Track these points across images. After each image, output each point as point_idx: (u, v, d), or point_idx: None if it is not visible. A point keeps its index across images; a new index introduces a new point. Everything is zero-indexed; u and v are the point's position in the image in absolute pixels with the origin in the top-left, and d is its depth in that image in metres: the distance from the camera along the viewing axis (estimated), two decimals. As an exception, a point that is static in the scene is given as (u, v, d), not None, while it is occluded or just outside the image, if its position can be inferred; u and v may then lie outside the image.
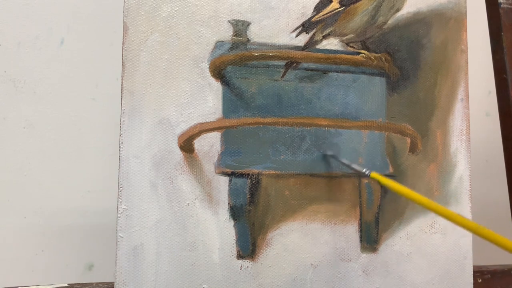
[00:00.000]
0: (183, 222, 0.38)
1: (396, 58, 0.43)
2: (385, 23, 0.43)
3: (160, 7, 0.38)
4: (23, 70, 0.58)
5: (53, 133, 0.59)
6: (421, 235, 0.43)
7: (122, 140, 0.37)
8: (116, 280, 0.37)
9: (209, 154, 0.39)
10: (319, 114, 0.41)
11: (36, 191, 0.58)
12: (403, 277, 0.42)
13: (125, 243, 0.37)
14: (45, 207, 0.58)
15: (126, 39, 0.38)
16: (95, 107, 0.60)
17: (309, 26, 0.41)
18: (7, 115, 0.58)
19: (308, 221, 0.40)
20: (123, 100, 0.37)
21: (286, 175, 0.40)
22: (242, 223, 0.39)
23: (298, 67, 0.41)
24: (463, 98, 0.45)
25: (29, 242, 0.58)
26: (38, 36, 0.59)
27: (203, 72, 0.39)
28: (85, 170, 0.59)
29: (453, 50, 0.45)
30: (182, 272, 0.38)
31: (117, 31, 0.42)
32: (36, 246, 0.58)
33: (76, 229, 0.59)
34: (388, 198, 0.42)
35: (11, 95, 0.58)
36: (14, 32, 0.58)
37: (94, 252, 0.60)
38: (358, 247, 0.41)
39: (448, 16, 0.45)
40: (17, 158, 0.58)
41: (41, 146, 0.58)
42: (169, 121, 0.38)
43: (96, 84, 0.60)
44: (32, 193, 0.58)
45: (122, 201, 0.37)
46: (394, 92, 0.43)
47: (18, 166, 0.58)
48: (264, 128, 0.40)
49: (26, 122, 0.58)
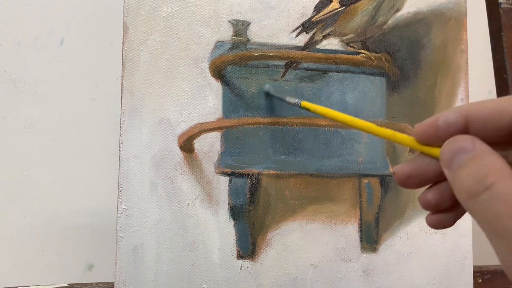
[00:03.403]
0: (183, 222, 0.38)
1: (396, 58, 0.43)
2: (385, 23, 0.43)
3: (160, 7, 0.38)
4: (23, 70, 0.58)
5: (53, 133, 0.59)
6: (421, 235, 0.43)
7: (122, 140, 0.37)
8: (116, 280, 0.37)
9: (209, 154, 0.39)
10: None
11: (36, 191, 0.58)
12: (403, 277, 0.42)
13: (125, 243, 0.37)
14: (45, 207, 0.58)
15: (126, 39, 0.38)
16: (95, 107, 0.60)
17: (309, 26, 0.41)
18: (7, 115, 0.58)
19: (308, 221, 0.40)
20: (123, 100, 0.37)
21: (286, 175, 0.40)
22: (242, 223, 0.39)
23: (298, 67, 0.41)
24: (463, 98, 0.45)
25: (29, 242, 0.58)
26: (38, 36, 0.59)
27: (203, 72, 0.39)
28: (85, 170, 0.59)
29: (453, 50, 0.45)
30: (182, 272, 0.38)
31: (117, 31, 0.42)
32: (36, 246, 0.58)
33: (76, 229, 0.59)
34: (388, 198, 0.42)
35: (11, 95, 0.58)
36: (14, 32, 0.58)
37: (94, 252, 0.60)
38: (358, 247, 0.41)
39: (448, 16, 0.45)
40: (17, 158, 0.58)
41: (41, 146, 0.58)
42: (169, 121, 0.38)
43: (96, 84, 0.60)
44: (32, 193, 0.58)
45: (122, 201, 0.37)
46: (394, 92, 0.43)
47: (18, 166, 0.58)
48: (264, 128, 0.40)
49: (26, 122, 0.58)
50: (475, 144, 0.20)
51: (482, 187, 0.19)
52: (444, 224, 0.24)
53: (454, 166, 0.21)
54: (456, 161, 0.21)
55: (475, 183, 0.19)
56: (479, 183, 0.19)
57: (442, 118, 0.22)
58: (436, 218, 0.24)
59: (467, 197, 0.20)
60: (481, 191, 0.19)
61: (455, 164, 0.21)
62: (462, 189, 0.20)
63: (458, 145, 0.21)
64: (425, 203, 0.24)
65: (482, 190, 0.19)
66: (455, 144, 0.21)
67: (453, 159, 0.21)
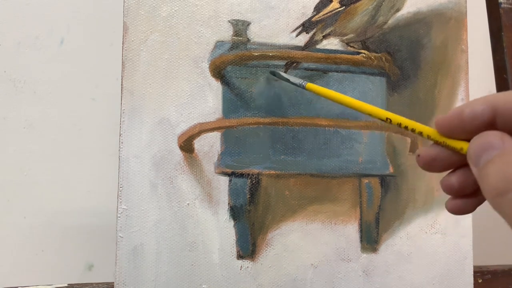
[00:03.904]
0: (183, 222, 0.38)
1: (396, 58, 0.43)
2: (385, 23, 0.43)
3: (160, 7, 0.38)
4: (23, 70, 0.58)
5: (53, 133, 0.59)
6: (421, 235, 0.43)
7: (122, 140, 0.37)
8: (116, 280, 0.37)
9: (209, 154, 0.39)
10: (319, 114, 0.41)
11: (36, 191, 0.58)
12: (403, 277, 0.42)
13: (125, 243, 0.37)
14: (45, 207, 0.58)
15: (126, 39, 0.38)
16: (95, 107, 0.60)
17: (309, 26, 0.41)
18: (7, 115, 0.58)
19: (308, 221, 0.40)
20: (123, 100, 0.37)
21: (286, 175, 0.40)
22: (242, 223, 0.39)
23: (298, 67, 0.41)
24: (463, 98, 0.45)
25: (29, 242, 0.58)
26: (38, 36, 0.59)
27: (203, 72, 0.39)
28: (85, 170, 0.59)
29: (453, 50, 0.45)
30: (182, 272, 0.38)
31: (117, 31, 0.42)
32: (36, 246, 0.58)
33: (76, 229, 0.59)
34: (388, 198, 0.42)
35: (11, 95, 0.58)
36: (14, 32, 0.58)
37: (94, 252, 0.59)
38: (359, 247, 0.41)
39: (448, 16, 0.45)
40: (17, 158, 0.58)
41: (41, 146, 0.58)
42: (169, 121, 0.38)
43: (96, 84, 0.60)
44: (32, 193, 0.58)
45: (122, 201, 0.37)
46: (394, 92, 0.43)
47: (18, 166, 0.58)
48: (264, 128, 0.40)
49: (26, 122, 0.58)
50: (504, 140, 0.20)
51: (510, 185, 0.19)
52: (465, 210, 0.23)
53: (482, 162, 0.20)
54: (484, 157, 0.20)
55: (503, 181, 0.19)
56: (507, 181, 0.19)
57: (468, 110, 0.21)
58: (456, 203, 0.23)
59: (494, 194, 0.19)
60: (509, 189, 0.19)
61: (484, 160, 0.20)
62: (489, 187, 0.20)
63: (487, 141, 0.20)
64: (448, 187, 0.23)
65: (510, 188, 0.19)
66: (483, 140, 0.20)
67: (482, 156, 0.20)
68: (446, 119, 0.22)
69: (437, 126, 0.22)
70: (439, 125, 0.22)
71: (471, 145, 0.21)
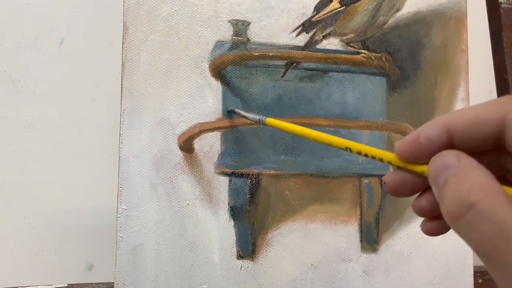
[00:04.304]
0: (183, 222, 0.38)
1: (396, 58, 0.43)
2: (385, 23, 0.43)
3: (160, 7, 0.38)
4: (23, 70, 0.58)
5: (53, 133, 0.59)
6: (421, 235, 0.43)
7: (122, 140, 0.37)
8: (116, 280, 0.37)
9: (209, 154, 0.39)
10: (319, 114, 0.41)
11: (36, 191, 0.58)
12: (404, 277, 0.42)
13: (125, 243, 0.37)
14: (45, 207, 0.58)
15: (126, 39, 0.38)
16: (95, 107, 0.60)
17: (309, 26, 0.41)
18: (7, 115, 0.58)
19: (308, 221, 0.40)
20: (123, 100, 0.37)
21: (286, 175, 0.40)
22: (242, 223, 0.39)
23: (298, 67, 0.41)
24: (463, 98, 0.45)
25: (29, 242, 0.58)
26: (38, 36, 0.59)
27: (203, 72, 0.39)
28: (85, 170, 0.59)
29: (453, 50, 0.45)
30: (182, 272, 0.38)
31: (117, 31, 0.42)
32: (36, 246, 0.58)
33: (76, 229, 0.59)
34: (389, 198, 0.42)
35: (11, 95, 0.58)
36: (14, 32, 0.58)
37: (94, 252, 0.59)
38: (359, 247, 0.41)
39: (448, 16, 0.45)
40: (17, 158, 0.58)
41: (41, 146, 0.58)
42: (169, 121, 0.38)
43: (96, 84, 0.60)
44: (32, 193, 0.58)
45: (122, 201, 0.37)
46: (394, 92, 0.43)
47: (18, 166, 0.58)
48: (264, 128, 0.40)
49: (26, 122, 0.58)
50: (460, 159, 0.19)
51: (465, 207, 0.17)
52: (439, 231, 0.22)
53: (441, 183, 0.19)
54: (441, 178, 0.19)
55: (458, 202, 0.18)
56: (462, 202, 0.18)
57: (423, 136, 0.20)
58: (432, 225, 0.22)
59: (451, 217, 0.18)
60: (464, 211, 0.17)
61: (441, 181, 0.19)
62: (445, 209, 0.18)
63: (442, 161, 0.19)
64: (419, 210, 0.22)
65: (466, 209, 0.17)
66: (439, 160, 0.19)
67: (439, 176, 0.19)
68: (403, 145, 0.21)
69: (396, 154, 0.22)
70: (398, 152, 0.21)
71: (430, 167, 0.20)
